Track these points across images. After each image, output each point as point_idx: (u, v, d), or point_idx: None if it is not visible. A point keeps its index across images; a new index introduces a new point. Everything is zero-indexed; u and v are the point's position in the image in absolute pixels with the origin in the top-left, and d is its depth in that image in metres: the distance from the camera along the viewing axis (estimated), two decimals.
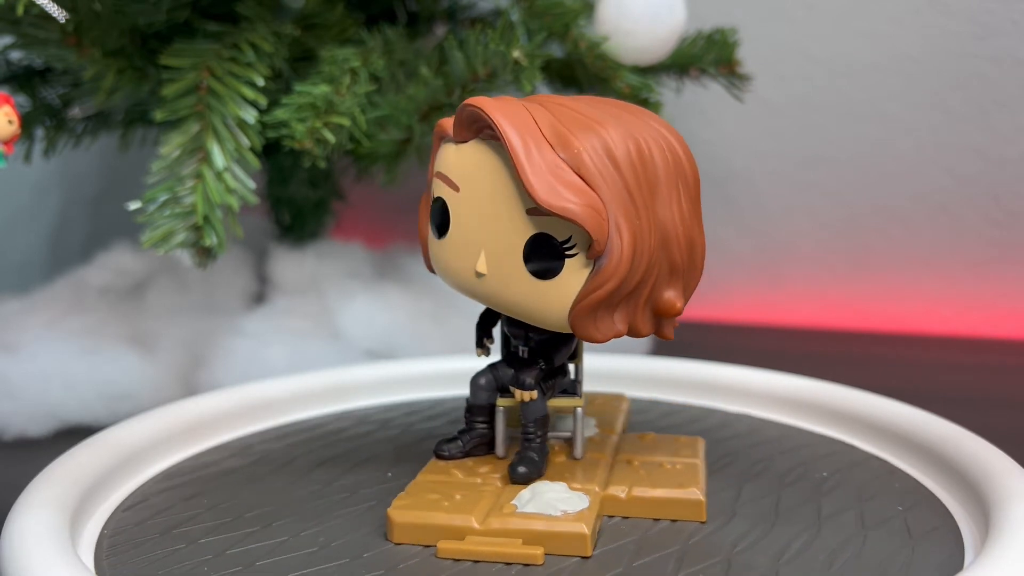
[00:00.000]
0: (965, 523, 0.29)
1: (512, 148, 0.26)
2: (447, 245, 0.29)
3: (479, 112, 0.27)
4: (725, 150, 0.74)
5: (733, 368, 0.42)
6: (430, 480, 0.30)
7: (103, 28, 0.44)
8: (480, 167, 0.28)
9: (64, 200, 0.84)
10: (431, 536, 0.27)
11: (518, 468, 0.30)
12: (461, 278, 0.29)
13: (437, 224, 0.29)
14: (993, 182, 0.67)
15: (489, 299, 0.29)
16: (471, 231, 0.28)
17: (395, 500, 0.28)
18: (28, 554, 0.24)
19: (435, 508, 0.28)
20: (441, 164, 0.29)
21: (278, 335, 0.50)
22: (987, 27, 0.65)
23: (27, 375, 0.46)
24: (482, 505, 0.28)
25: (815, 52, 0.70)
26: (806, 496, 0.31)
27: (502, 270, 0.28)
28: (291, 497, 0.31)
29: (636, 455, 0.33)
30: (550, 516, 0.27)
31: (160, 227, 0.40)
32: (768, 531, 0.28)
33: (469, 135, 0.28)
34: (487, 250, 0.28)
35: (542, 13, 0.49)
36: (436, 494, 0.29)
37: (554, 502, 0.28)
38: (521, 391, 0.30)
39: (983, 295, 0.69)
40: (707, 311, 0.76)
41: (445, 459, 0.32)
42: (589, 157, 0.26)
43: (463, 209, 0.28)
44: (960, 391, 0.54)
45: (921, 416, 0.35)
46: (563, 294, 0.27)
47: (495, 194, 0.27)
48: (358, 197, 0.72)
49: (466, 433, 0.32)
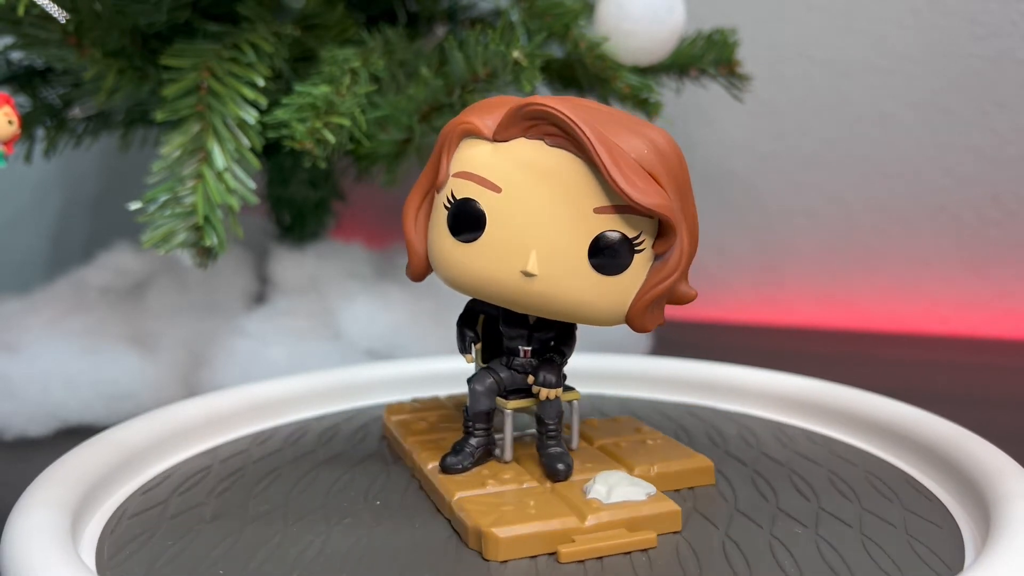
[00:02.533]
0: (965, 523, 0.29)
1: (595, 148, 0.26)
2: (480, 248, 0.28)
3: (550, 111, 0.27)
4: (725, 150, 0.74)
5: (733, 368, 0.42)
6: (479, 497, 0.29)
7: (104, 28, 0.44)
8: (531, 166, 0.27)
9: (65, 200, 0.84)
10: (537, 546, 0.27)
11: (558, 467, 0.30)
12: (498, 281, 0.28)
13: (465, 227, 0.28)
14: (992, 182, 0.67)
15: (530, 300, 0.28)
16: (518, 232, 0.27)
17: (477, 520, 0.27)
18: (29, 554, 0.24)
19: (529, 519, 0.27)
20: (470, 164, 0.28)
21: (278, 335, 0.50)
22: (987, 27, 0.65)
23: (28, 375, 0.46)
24: (564, 506, 0.28)
25: (815, 52, 0.70)
26: (806, 496, 0.31)
27: (557, 269, 0.27)
28: (293, 497, 0.31)
29: (612, 438, 0.34)
30: (639, 501, 0.28)
31: (161, 227, 0.40)
32: (768, 531, 0.28)
33: (515, 134, 0.28)
34: (539, 250, 0.27)
35: (542, 13, 0.49)
36: (508, 506, 0.28)
37: (634, 489, 0.29)
38: (548, 389, 0.30)
39: (983, 295, 0.69)
40: (707, 311, 0.76)
41: (458, 472, 0.31)
42: (653, 155, 0.27)
43: (507, 210, 0.27)
44: (960, 391, 0.54)
45: (921, 416, 0.35)
46: (625, 289, 0.28)
47: (551, 193, 0.27)
48: (358, 197, 0.72)
49: (467, 443, 0.31)
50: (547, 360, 0.31)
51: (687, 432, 0.38)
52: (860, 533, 0.28)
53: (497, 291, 0.28)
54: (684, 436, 0.37)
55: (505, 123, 0.28)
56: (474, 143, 0.28)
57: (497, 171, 0.28)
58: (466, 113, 0.29)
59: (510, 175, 0.27)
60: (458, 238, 0.28)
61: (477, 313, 0.32)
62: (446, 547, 0.27)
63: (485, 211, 0.28)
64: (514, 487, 0.29)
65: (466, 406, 0.31)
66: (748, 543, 0.27)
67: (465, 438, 0.31)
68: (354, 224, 0.78)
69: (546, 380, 0.30)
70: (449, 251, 0.29)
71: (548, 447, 0.31)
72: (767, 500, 0.31)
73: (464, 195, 0.28)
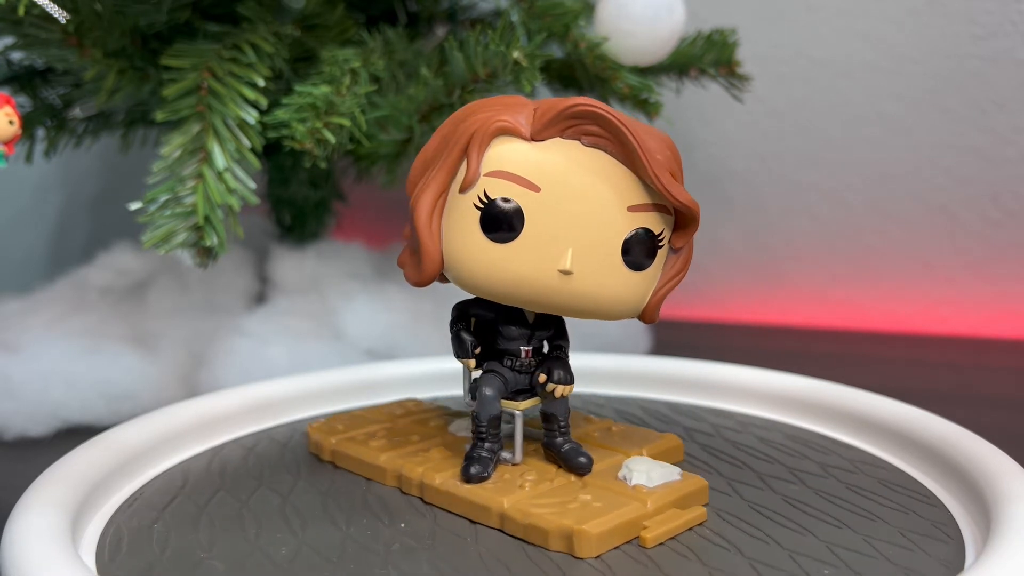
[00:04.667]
0: (966, 523, 0.29)
1: (640, 148, 0.27)
2: (516, 248, 0.28)
3: (601, 113, 0.27)
4: (725, 150, 0.74)
5: (732, 368, 0.42)
6: (535, 500, 0.28)
7: (104, 29, 0.44)
8: (570, 166, 0.28)
9: (65, 200, 0.84)
10: (620, 537, 0.27)
11: (581, 460, 0.31)
12: (533, 281, 0.28)
13: (504, 227, 0.28)
14: (992, 182, 0.67)
15: (562, 298, 0.28)
16: (555, 230, 0.28)
17: (559, 521, 0.27)
18: (30, 554, 0.24)
19: (604, 512, 0.27)
20: (507, 164, 0.28)
21: (279, 335, 0.50)
22: (986, 28, 0.65)
23: (28, 375, 0.46)
24: (623, 496, 0.29)
25: (815, 52, 0.70)
26: (806, 496, 0.31)
27: (593, 267, 0.28)
28: (295, 497, 0.31)
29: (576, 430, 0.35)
30: (676, 481, 0.30)
31: (161, 227, 0.40)
32: (767, 531, 0.28)
33: (553, 133, 0.28)
34: (576, 248, 0.28)
35: (542, 14, 0.49)
36: (573, 503, 0.28)
37: (667, 470, 0.30)
38: (564, 386, 0.30)
39: (983, 295, 0.69)
40: (707, 311, 0.76)
41: (484, 480, 0.30)
42: (672, 154, 0.29)
43: (545, 209, 0.28)
44: (960, 391, 0.54)
45: (921, 416, 0.35)
46: (648, 284, 0.29)
47: (589, 191, 0.28)
48: (358, 197, 0.72)
49: (482, 449, 0.31)
50: (555, 357, 0.31)
51: (687, 432, 0.38)
52: (860, 533, 0.28)
53: (530, 291, 0.28)
54: (684, 436, 0.37)
55: (548, 122, 0.28)
56: (508, 141, 0.28)
57: (536, 171, 0.28)
58: (492, 111, 0.28)
59: (550, 175, 0.28)
60: (492, 238, 0.28)
61: (470, 317, 0.31)
62: (514, 552, 0.27)
63: (524, 211, 0.28)
64: (549, 485, 0.30)
65: (475, 412, 0.31)
66: (748, 543, 0.27)
67: (479, 444, 0.31)
68: (354, 224, 0.78)
69: (562, 377, 0.30)
70: (480, 252, 0.28)
71: (564, 443, 0.31)
72: (767, 500, 0.31)
73: (500, 194, 0.28)
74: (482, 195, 0.28)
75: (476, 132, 0.28)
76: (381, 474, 0.32)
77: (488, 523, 0.29)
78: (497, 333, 0.31)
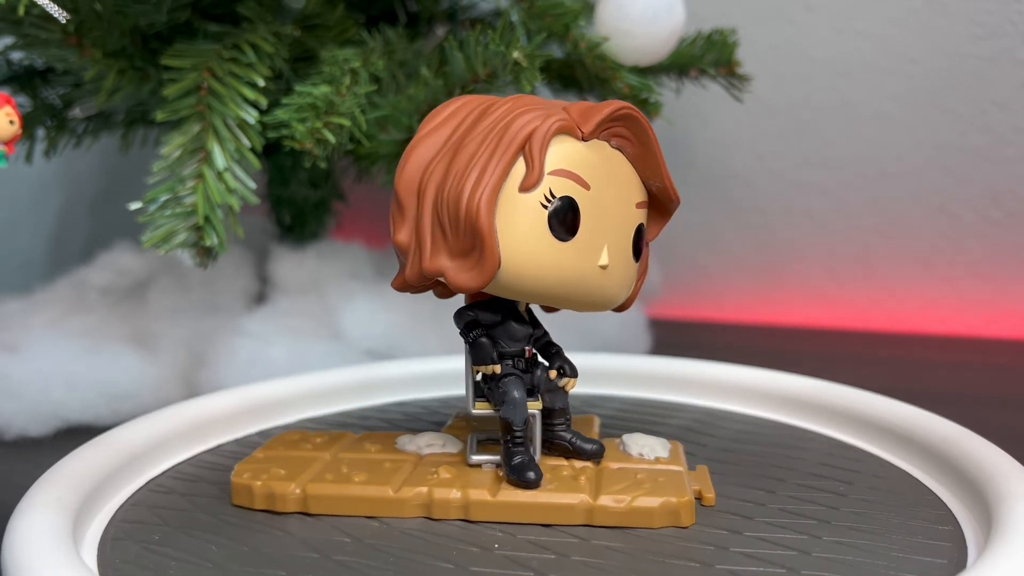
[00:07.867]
0: (967, 522, 0.29)
1: (658, 149, 0.29)
2: (573, 246, 0.28)
3: (638, 116, 0.29)
4: (725, 151, 0.74)
5: (732, 367, 0.42)
6: (609, 489, 0.29)
7: (104, 29, 0.44)
8: (604, 165, 0.29)
9: (65, 200, 0.84)
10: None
11: (590, 447, 0.32)
12: (581, 277, 0.29)
13: (571, 225, 0.28)
14: (992, 182, 0.67)
15: (593, 292, 0.29)
16: (597, 227, 0.29)
17: (665, 497, 0.29)
18: (31, 554, 0.24)
19: (676, 484, 0.30)
20: (567, 163, 0.28)
21: (279, 335, 0.50)
22: (986, 28, 0.65)
23: (29, 375, 0.46)
24: (663, 471, 0.31)
25: (815, 52, 0.70)
26: (806, 496, 0.31)
27: (617, 261, 0.30)
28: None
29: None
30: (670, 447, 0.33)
31: (161, 227, 0.40)
32: (767, 531, 0.28)
33: (596, 134, 0.29)
34: (609, 244, 0.29)
35: (542, 14, 0.49)
36: (646, 483, 0.30)
37: (659, 440, 0.33)
38: (573, 379, 0.31)
39: (982, 295, 0.69)
40: (707, 310, 0.76)
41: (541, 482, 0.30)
42: None
43: (592, 205, 0.28)
44: (960, 391, 0.54)
45: (922, 416, 0.35)
46: (634, 274, 0.31)
47: (618, 190, 0.30)
48: (358, 197, 0.72)
49: (526, 452, 0.30)
50: (559, 353, 0.32)
51: (687, 432, 0.38)
52: (861, 533, 0.28)
53: (573, 287, 0.29)
54: (684, 436, 0.37)
55: (598, 124, 0.29)
56: (564, 140, 0.28)
57: (589, 169, 0.29)
58: (548, 110, 0.28)
59: (596, 173, 0.29)
60: (558, 236, 0.28)
61: (480, 323, 0.31)
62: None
63: (580, 208, 0.28)
64: (593, 473, 0.31)
65: (507, 418, 0.30)
66: (747, 543, 0.27)
67: (523, 449, 0.30)
68: (354, 224, 0.78)
69: (571, 371, 0.31)
70: (544, 251, 0.28)
71: (570, 435, 0.32)
72: (766, 500, 0.31)
73: (564, 193, 0.28)
74: (548, 194, 0.28)
75: (535, 132, 0.28)
76: (399, 507, 0.29)
77: (570, 522, 0.29)
78: (499, 336, 0.31)
